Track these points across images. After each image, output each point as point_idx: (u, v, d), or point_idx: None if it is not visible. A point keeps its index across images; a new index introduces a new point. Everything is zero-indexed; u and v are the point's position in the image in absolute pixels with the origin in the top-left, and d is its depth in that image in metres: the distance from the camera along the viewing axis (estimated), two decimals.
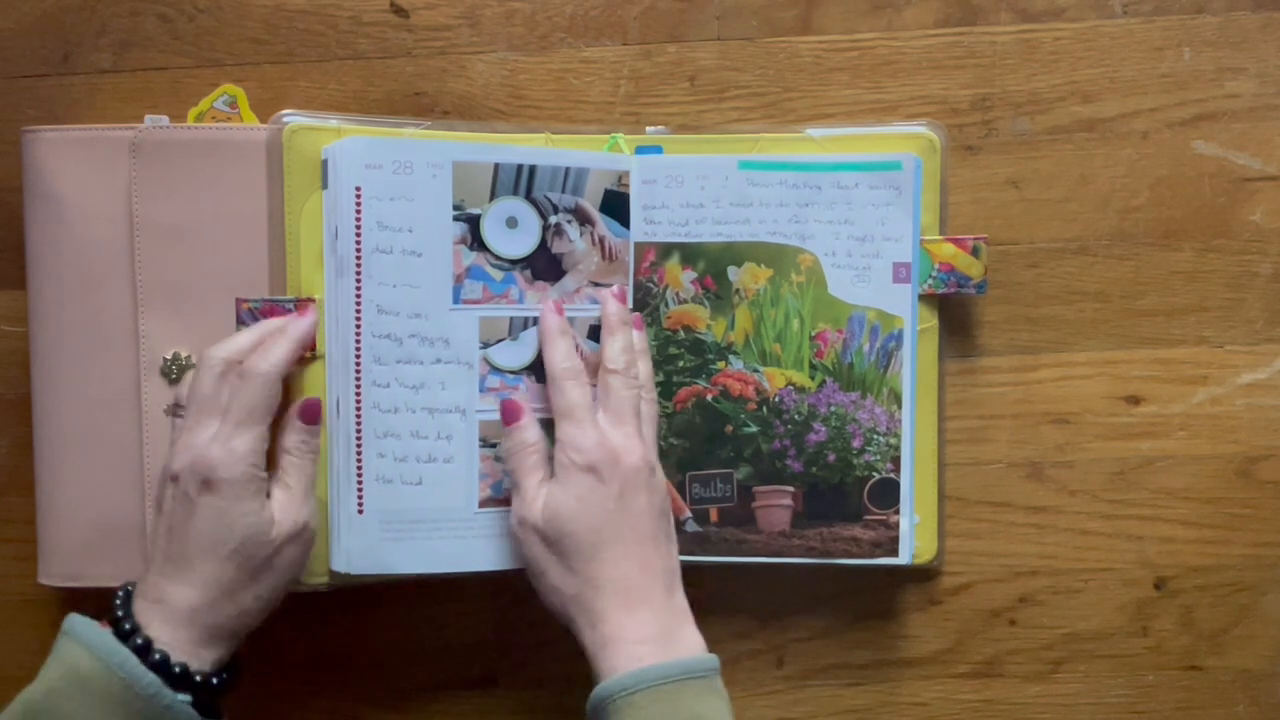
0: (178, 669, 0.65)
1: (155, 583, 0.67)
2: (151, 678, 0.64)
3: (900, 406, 0.78)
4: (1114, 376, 0.82)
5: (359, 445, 0.75)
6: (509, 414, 0.74)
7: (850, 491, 0.78)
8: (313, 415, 0.73)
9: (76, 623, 0.66)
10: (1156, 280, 0.81)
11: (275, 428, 0.71)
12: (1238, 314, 0.81)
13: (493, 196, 0.76)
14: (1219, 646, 0.83)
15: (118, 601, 0.67)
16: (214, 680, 0.67)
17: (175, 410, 0.71)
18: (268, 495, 0.70)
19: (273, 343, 0.71)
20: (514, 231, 0.76)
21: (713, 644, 0.82)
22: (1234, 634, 0.83)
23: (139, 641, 0.65)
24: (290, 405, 0.73)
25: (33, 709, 0.63)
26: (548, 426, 0.77)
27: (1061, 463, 0.82)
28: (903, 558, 0.78)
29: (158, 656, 0.65)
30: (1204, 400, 0.82)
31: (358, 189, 0.73)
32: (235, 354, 0.70)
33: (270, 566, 0.69)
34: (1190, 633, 0.83)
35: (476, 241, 0.76)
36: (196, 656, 0.66)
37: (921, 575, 0.81)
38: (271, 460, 0.71)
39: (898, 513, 0.78)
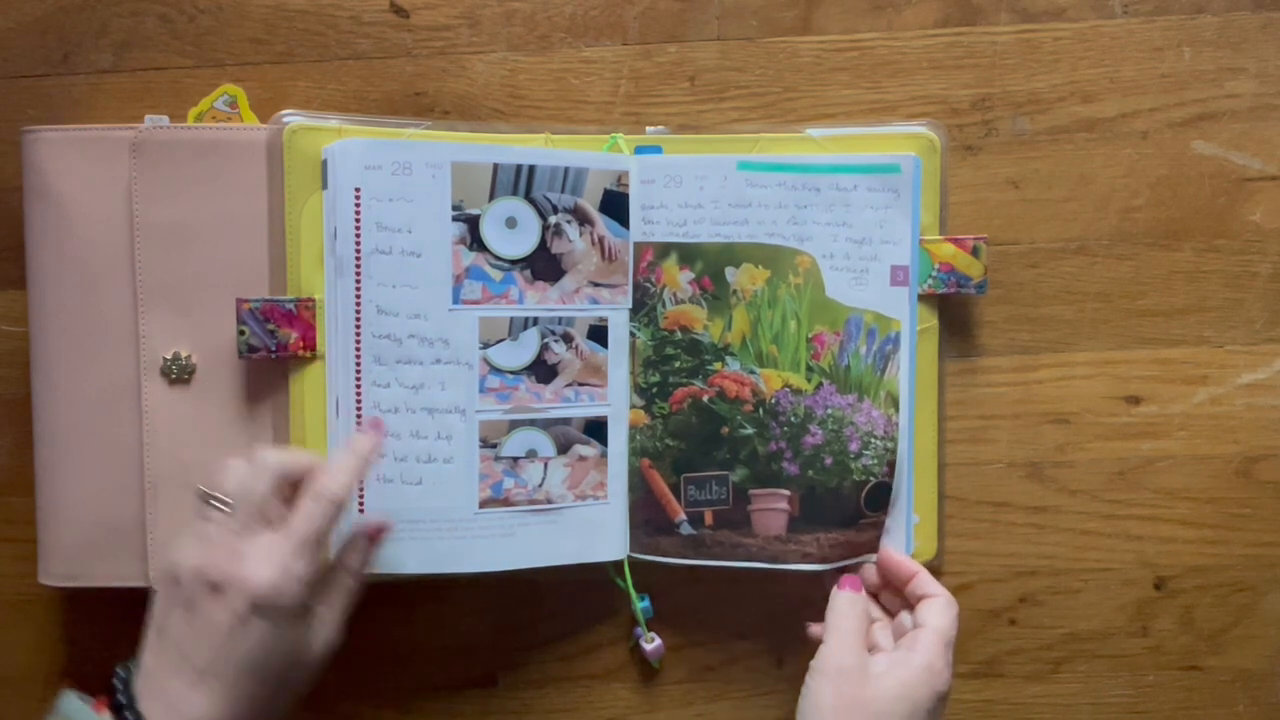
0: None
1: (172, 687, 0.62)
2: None
3: (897, 410, 0.78)
4: (1114, 376, 0.82)
5: None
6: (848, 584, 0.75)
7: (847, 496, 0.78)
8: (381, 537, 0.73)
9: (81, 715, 0.61)
10: (1156, 280, 0.81)
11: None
12: (1238, 314, 0.81)
13: (492, 197, 0.76)
14: (1219, 646, 0.83)
15: (121, 697, 0.62)
16: None
17: (209, 499, 0.66)
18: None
19: (344, 464, 0.69)
20: (513, 232, 0.76)
21: (713, 644, 0.82)
22: (1234, 634, 0.83)
23: None
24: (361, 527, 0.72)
25: None
26: (547, 425, 0.77)
27: (1061, 463, 0.82)
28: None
29: None
30: (1204, 400, 0.82)
31: (357, 190, 0.74)
32: (293, 468, 0.68)
33: (298, 682, 0.67)
34: (1190, 633, 0.83)
35: (476, 242, 0.76)
36: None
37: None
38: None
39: (886, 513, 0.78)
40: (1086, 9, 0.80)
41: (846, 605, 0.73)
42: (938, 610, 0.74)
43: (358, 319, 0.74)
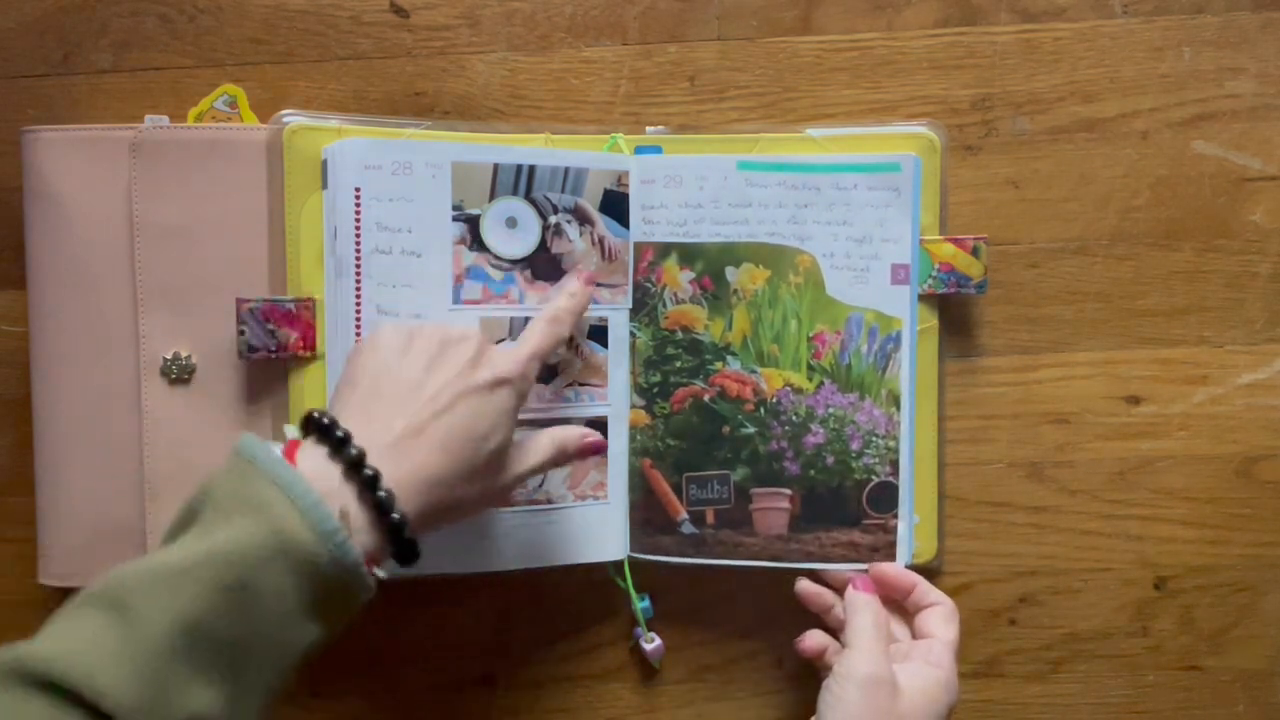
0: (397, 516, 0.59)
1: (391, 429, 0.62)
2: (356, 556, 0.57)
3: (899, 409, 0.78)
4: (1114, 376, 0.82)
5: None
6: (863, 585, 0.76)
7: (849, 495, 0.78)
8: (593, 452, 0.73)
9: (279, 467, 0.57)
10: (1156, 280, 0.81)
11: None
12: (1238, 314, 0.81)
13: (492, 197, 0.76)
14: (1219, 646, 0.83)
15: (334, 430, 0.60)
16: (410, 540, 0.61)
17: None
18: None
19: (563, 301, 0.73)
20: (514, 231, 0.76)
21: (713, 644, 0.82)
22: (1234, 634, 0.83)
23: (368, 473, 0.59)
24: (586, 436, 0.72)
25: (235, 578, 0.54)
26: (547, 425, 0.77)
27: (1061, 463, 0.82)
28: (900, 562, 0.78)
29: (383, 494, 0.59)
30: (1204, 400, 0.82)
31: (357, 190, 0.74)
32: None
33: (491, 489, 0.66)
34: (1190, 633, 0.83)
35: (476, 242, 0.76)
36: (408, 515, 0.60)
37: (922, 575, 0.81)
38: None
39: (896, 516, 0.78)
40: (1086, 9, 0.80)
41: (867, 609, 0.74)
42: (945, 620, 0.75)
43: (358, 319, 0.74)
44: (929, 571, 0.81)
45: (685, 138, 0.79)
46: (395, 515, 0.59)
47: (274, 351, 0.75)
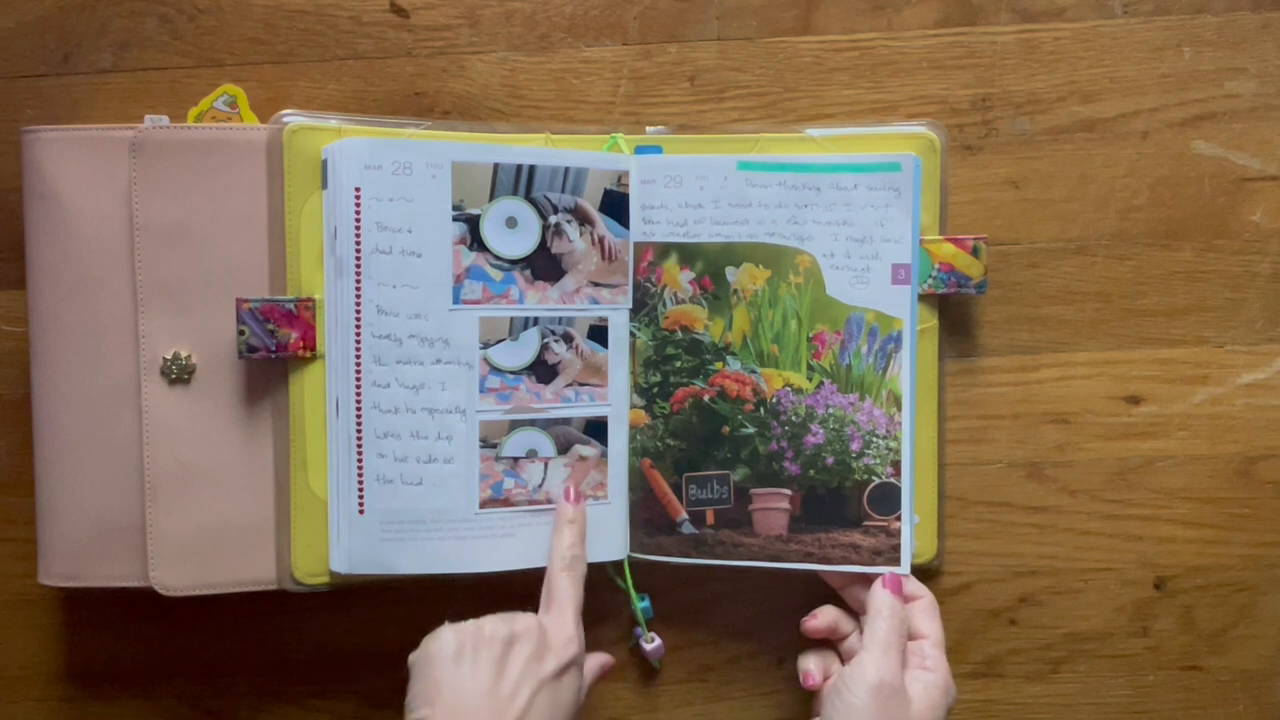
0: None
1: None
2: None
3: (900, 409, 0.78)
4: (1114, 376, 0.82)
5: (359, 445, 0.75)
6: (892, 585, 0.75)
7: (849, 496, 0.78)
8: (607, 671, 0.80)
9: None
10: (1156, 280, 0.81)
11: None
12: (1238, 314, 0.81)
13: (492, 197, 0.76)
14: (1219, 646, 0.83)
15: None
16: None
17: None
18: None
19: (565, 534, 0.76)
20: (514, 231, 0.76)
21: (713, 644, 0.82)
22: (1234, 634, 0.83)
23: None
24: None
25: None
26: (547, 425, 0.77)
27: (1061, 463, 0.82)
28: (904, 567, 0.77)
29: None
30: (1204, 400, 0.82)
31: (357, 189, 0.74)
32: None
33: None
34: (1190, 633, 0.83)
35: (476, 242, 0.76)
36: None
37: (922, 575, 0.81)
38: None
39: (899, 519, 0.78)
40: (1086, 9, 0.80)
41: (892, 614, 0.73)
42: (928, 615, 0.75)
43: (358, 319, 0.74)
44: (929, 572, 0.81)
45: (685, 138, 0.79)
46: None
47: (274, 351, 0.75)
